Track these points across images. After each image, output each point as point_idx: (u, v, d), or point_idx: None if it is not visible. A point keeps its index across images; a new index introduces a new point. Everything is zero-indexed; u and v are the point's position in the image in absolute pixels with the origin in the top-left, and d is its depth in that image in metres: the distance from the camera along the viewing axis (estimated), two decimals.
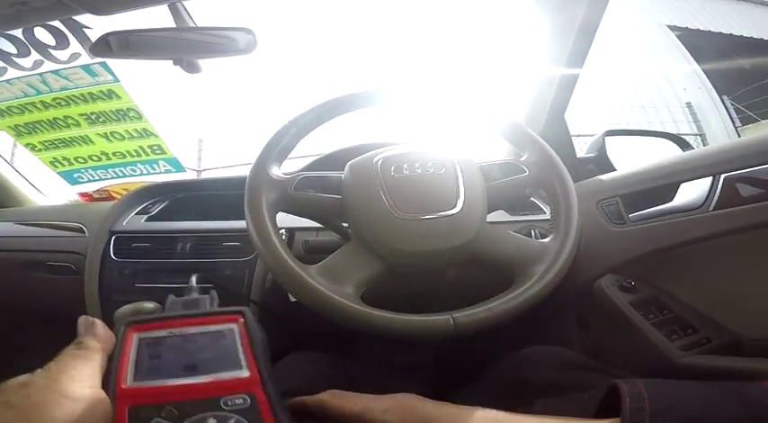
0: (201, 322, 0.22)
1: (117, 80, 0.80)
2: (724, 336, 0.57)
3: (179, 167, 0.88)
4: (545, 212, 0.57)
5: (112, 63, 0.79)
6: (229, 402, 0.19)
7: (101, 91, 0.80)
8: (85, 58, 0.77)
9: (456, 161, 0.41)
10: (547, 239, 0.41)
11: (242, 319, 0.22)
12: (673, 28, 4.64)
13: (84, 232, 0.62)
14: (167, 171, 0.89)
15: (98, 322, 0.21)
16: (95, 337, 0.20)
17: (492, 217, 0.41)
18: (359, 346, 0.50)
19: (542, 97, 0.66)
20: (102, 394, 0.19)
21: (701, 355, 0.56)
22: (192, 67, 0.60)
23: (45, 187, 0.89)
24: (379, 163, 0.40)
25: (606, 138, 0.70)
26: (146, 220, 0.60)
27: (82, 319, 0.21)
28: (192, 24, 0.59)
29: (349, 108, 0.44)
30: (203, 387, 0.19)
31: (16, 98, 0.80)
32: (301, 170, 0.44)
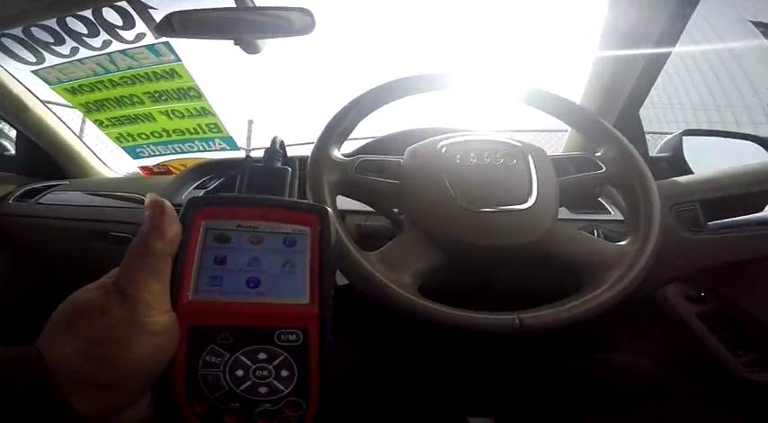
0: (274, 216, 0.20)
1: (179, 60, 0.82)
2: None
3: (233, 146, 0.91)
4: (609, 212, 0.53)
5: (174, 43, 0.81)
6: (283, 337, 0.18)
7: (164, 70, 0.83)
8: (150, 39, 0.79)
9: (528, 153, 0.38)
10: (623, 243, 0.38)
11: (318, 227, 0.20)
12: (758, 24, 4.16)
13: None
14: (222, 149, 0.91)
15: (167, 207, 0.18)
16: (162, 237, 0.18)
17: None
18: (395, 336, 0.49)
19: (618, 86, 0.60)
20: (175, 319, 0.18)
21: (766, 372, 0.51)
22: (251, 48, 0.60)
23: (110, 160, 0.95)
24: (444, 149, 0.38)
25: (684, 137, 0.64)
26: (204, 193, 0.62)
27: (149, 200, 0.18)
28: (251, 4, 0.59)
29: (412, 91, 0.42)
30: (262, 311, 0.18)
31: (87, 77, 0.84)
32: (358, 151, 0.43)
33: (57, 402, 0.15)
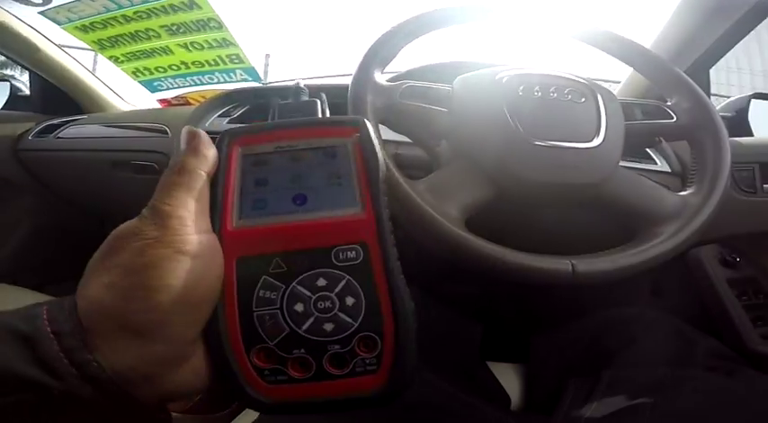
0: (311, 133, 0.18)
1: None
2: None
3: (256, 77, 0.87)
4: (657, 164, 0.50)
5: None
6: (341, 255, 0.16)
7: (182, 2, 0.78)
8: None
9: (598, 92, 0.35)
10: (686, 193, 0.35)
11: (357, 134, 0.18)
12: None
13: (167, 133, 0.64)
14: (243, 80, 0.88)
15: (202, 134, 0.17)
16: (197, 156, 0.17)
17: None
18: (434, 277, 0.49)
19: (697, 40, 0.54)
20: (216, 241, 0.16)
21: None
22: None
23: (126, 95, 0.92)
24: (504, 79, 0.35)
25: (753, 100, 0.59)
26: (228, 122, 0.59)
27: (185, 130, 0.18)
28: None
29: (460, 19, 0.38)
30: (314, 229, 0.16)
31: (98, 14, 0.80)
32: (402, 77, 0.40)
33: (83, 358, 0.13)
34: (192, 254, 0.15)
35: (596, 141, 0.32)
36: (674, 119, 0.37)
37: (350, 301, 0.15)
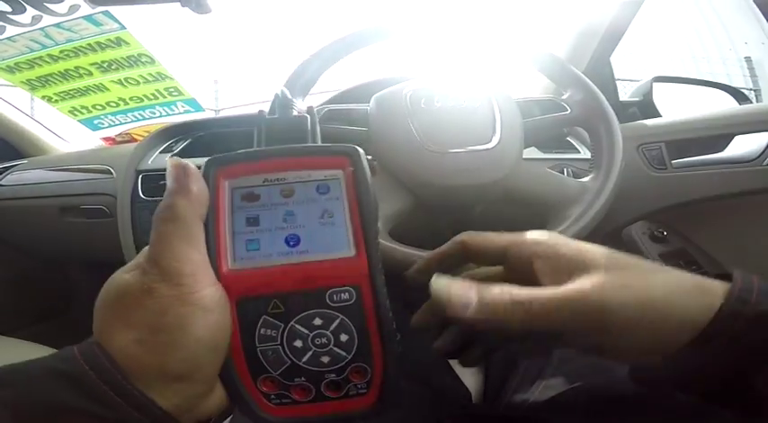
0: (301, 164, 0.18)
1: (123, 27, 0.78)
2: None
3: (197, 107, 0.88)
4: (579, 152, 0.54)
5: (115, 11, 0.76)
6: (335, 297, 0.17)
7: (108, 39, 0.78)
8: (86, 9, 0.74)
9: (492, 94, 0.38)
10: (586, 179, 0.39)
11: (350, 168, 0.18)
12: None
13: (111, 173, 0.63)
14: (186, 112, 0.88)
15: (191, 169, 0.17)
16: (189, 198, 0.16)
17: (524, 154, 0.38)
18: None
19: (591, 32, 0.59)
20: (224, 291, 0.16)
21: None
22: (201, 8, 0.56)
23: (68, 135, 0.90)
24: (409, 95, 0.38)
25: (654, 83, 0.65)
26: (170, 158, 0.60)
27: (171, 164, 0.17)
28: None
29: (374, 39, 0.41)
30: (308, 271, 0.17)
31: (22, 54, 0.79)
32: (324, 103, 0.42)
33: (137, 398, 0.14)
34: (211, 307, 0.15)
35: (494, 142, 0.35)
36: (569, 111, 0.40)
37: (344, 337, 0.17)
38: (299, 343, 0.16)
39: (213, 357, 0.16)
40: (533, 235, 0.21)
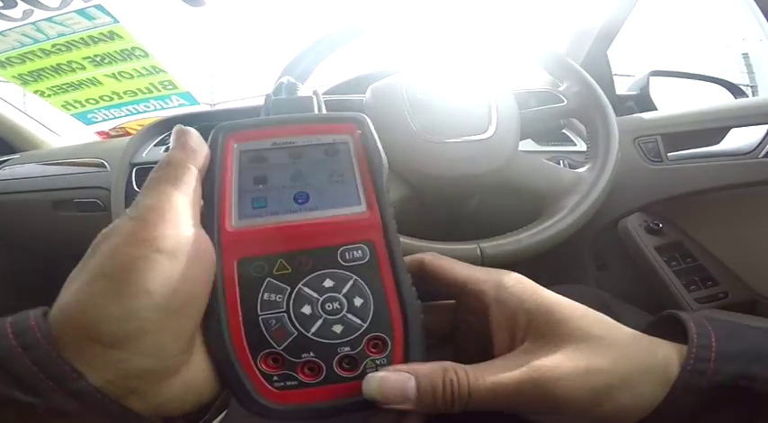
0: (310, 130, 0.18)
1: (116, 21, 0.77)
2: (742, 293, 0.57)
3: (192, 101, 0.87)
4: (575, 144, 0.54)
5: (108, 5, 0.75)
6: (347, 255, 0.15)
7: (101, 33, 0.78)
8: (79, 3, 0.73)
9: (488, 85, 0.38)
10: (582, 169, 0.39)
11: (358, 131, 0.18)
12: None
13: (105, 167, 0.63)
14: (181, 105, 0.87)
15: (192, 131, 0.16)
16: (185, 150, 0.15)
17: (520, 146, 0.38)
18: None
19: (588, 26, 0.59)
20: (206, 239, 0.14)
21: (716, 309, 0.56)
22: (195, 1, 0.57)
23: (61, 129, 0.89)
24: (405, 85, 0.37)
25: (651, 77, 0.65)
26: (164, 151, 0.59)
27: (175, 129, 0.16)
28: None
29: (370, 32, 0.41)
30: (318, 228, 0.16)
31: (13, 49, 0.79)
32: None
33: (63, 373, 0.11)
34: (173, 253, 0.13)
35: (490, 132, 0.35)
36: (565, 102, 0.41)
37: (358, 301, 0.15)
38: (307, 309, 0.15)
39: (167, 323, 0.12)
40: (499, 276, 0.18)
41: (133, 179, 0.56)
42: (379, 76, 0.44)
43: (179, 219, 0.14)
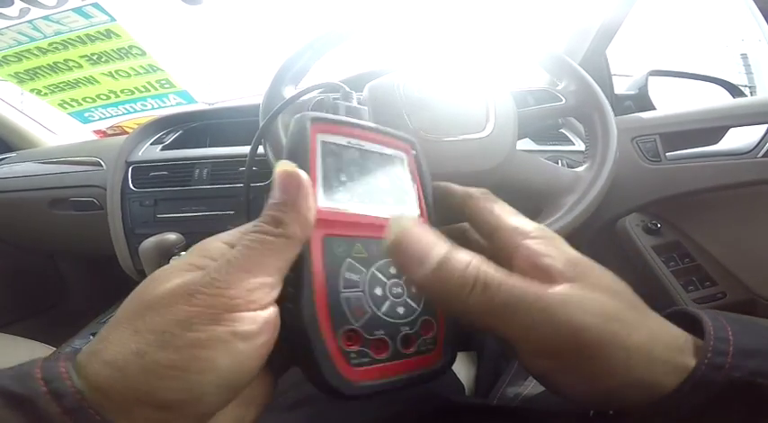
0: (376, 139, 0.20)
1: (113, 19, 0.77)
2: (740, 293, 0.56)
3: (189, 99, 0.87)
4: (574, 144, 0.54)
5: (105, 3, 0.75)
6: None
7: (98, 32, 0.78)
8: (76, 2, 0.73)
9: (486, 84, 0.37)
10: (580, 168, 0.39)
11: (413, 151, 0.21)
12: None
13: (101, 166, 0.62)
14: (178, 104, 0.88)
15: (305, 182, 0.14)
16: (299, 216, 0.14)
17: (519, 145, 0.38)
18: None
19: (585, 25, 0.59)
20: (275, 317, 0.13)
21: (715, 310, 0.56)
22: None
23: (58, 128, 0.89)
24: (402, 83, 0.37)
25: (650, 77, 0.65)
26: (161, 150, 0.59)
27: (283, 171, 0.14)
28: None
29: (367, 31, 0.41)
30: (385, 223, 0.16)
31: (10, 47, 0.79)
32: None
33: (90, 420, 0.11)
34: (248, 336, 0.12)
35: (487, 130, 0.35)
36: (563, 101, 0.40)
37: (414, 288, 0.17)
38: (379, 290, 0.16)
39: (227, 395, 0.12)
40: (533, 226, 0.18)
41: (129, 178, 0.56)
42: (377, 74, 0.44)
43: (264, 298, 0.13)
